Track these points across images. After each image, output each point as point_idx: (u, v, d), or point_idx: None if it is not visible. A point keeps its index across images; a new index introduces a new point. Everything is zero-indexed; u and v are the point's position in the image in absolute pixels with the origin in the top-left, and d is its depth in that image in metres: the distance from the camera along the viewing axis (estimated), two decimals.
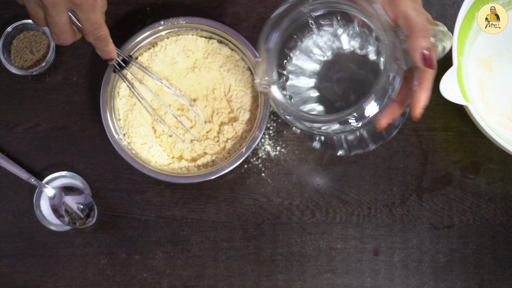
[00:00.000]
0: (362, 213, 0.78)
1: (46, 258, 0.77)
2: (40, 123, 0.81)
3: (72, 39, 0.64)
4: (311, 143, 0.74)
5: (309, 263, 0.77)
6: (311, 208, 0.78)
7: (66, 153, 0.80)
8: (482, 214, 0.78)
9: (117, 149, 0.74)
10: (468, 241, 0.77)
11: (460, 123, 0.79)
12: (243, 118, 0.77)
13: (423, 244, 0.77)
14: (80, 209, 0.77)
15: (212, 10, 0.83)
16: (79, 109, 0.81)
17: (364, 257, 0.77)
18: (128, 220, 0.78)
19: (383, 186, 0.78)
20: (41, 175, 0.79)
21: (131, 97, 0.78)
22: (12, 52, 0.81)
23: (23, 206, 0.79)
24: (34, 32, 0.81)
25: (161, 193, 0.79)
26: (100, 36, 0.64)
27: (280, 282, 0.77)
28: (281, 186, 0.79)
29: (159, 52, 0.79)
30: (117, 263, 0.77)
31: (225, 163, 0.73)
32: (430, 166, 0.79)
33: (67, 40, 0.63)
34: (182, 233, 0.78)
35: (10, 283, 0.77)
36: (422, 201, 0.78)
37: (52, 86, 0.82)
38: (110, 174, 0.79)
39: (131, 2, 0.83)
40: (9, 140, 0.80)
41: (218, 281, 0.77)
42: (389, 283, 0.77)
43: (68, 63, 0.82)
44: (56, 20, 0.61)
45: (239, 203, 0.78)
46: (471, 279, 0.76)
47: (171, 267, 0.77)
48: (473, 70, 0.78)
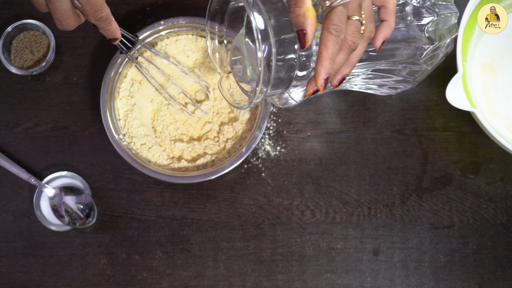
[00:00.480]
0: (362, 213, 0.78)
1: (46, 258, 0.77)
2: (40, 123, 0.81)
3: (76, 24, 0.63)
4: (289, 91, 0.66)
5: (309, 263, 0.77)
6: (311, 208, 0.78)
7: (66, 153, 0.80)
8: (482, 214, 0.78)
9: (117, 149, 0.74)
10: (468, 241, 0.77)
11: (460, 123, 0.79)
12: (243, 118, 0.77)
13: (423, 244, 0.77)
14: (80, 209, 0.77)
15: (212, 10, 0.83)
16: (79, 109, 0.81)
17: (364, 257, 0.77)
18: (128, 220, 0.78)
19: (383, 186, 0.78)
20: (41, 175, 0.79)
21: (131, 97, 0.78)
22: (12, 52, 0.81)
23: (23, 206, 0.79)
24: (34, 32, 0.81)
25: (161, 193, 0.79)
26: (102, 17, 0.62)
27: (280, 282, 0.77)
28: (281, 186, 0.79)
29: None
30: (117, 263, 0.77)
31: (225, 163, 0.73)
32: (430, 166, 0.79)
33: (71, 25, 0.62)
34: (182, 233, 0.78)
35: (10, 283, 0.77)
36: (422, 201, 0.78)
37: (52, 86, 0.82)
38: (110, 174, 0.79)
39: (131, 2, 0.83)
40: (9, 140, 0.80)
41: (218, 281, 0.77)
42: (389, 283, 0.77)
43: (68, 63, 0.82)
44: (58, 6, 0.59)
45: (239, 203, 0.78)
46: (471, 279, 0.76)
47: (171, 267, 0.77)
48: (476, 74, 0.78)
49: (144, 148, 0.77)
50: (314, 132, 0.80)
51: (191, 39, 0.79)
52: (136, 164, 0.74)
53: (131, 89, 0.78)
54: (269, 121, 0.80)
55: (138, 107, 0.78)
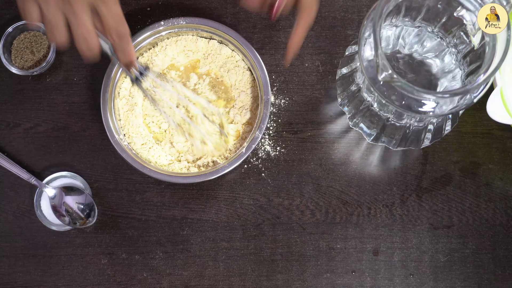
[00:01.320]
0: (362, 213, 0.78)
1: (47, 258, 0.78)
2: (40, 123, 0.81)
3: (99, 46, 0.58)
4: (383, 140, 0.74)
5: (309, 263, 0.77)
6: (311, 208, 0.78)
7: (67, 153, 0.80)
8: (482, 214, 0.78)
9: (118, 149, 0.74)
10: (468, 241, 0.77)
11: (460, 123, 0.80)
12: (243, 118, 0.77)
13: (423, 244, 0.77)
14: (80, 209, 0.77)
15: (212, 10, 0.83)
16: (79, 109, 0.81)
17: (364, 257, 0.77)
18: (128, 220, 0.78)
19: (383, 186, 0.79)
20: (42, 175, 0.79)
21: (132, 97, 0.78)
22: (12, 53, 0.81)
23: (24, 206, 0.79)
24: (35, 33, 0.81)
25: (161, 193, 0.79)
26: (122, 32, 0.57)
27: (280, 282, 0.77)
28: (281, 186, 0.79)
29: (159, 52, 0.79)
30: (118, 263, 0.77)
31: (225, 163, 0.74)
32: (430, 166, 0.79)
33: (96, 44, 0.56)
34: (182, 233, 0.78)
35: (10, 283, 0.77)
36: (421, 201, 0.78)
37: (52, 86, 0.82)
38: (110, 174, 0.79)
39: (131, 2, 0.84)
40: (10, 140, 0.80)
41: (218, 281, 0.77)
42: (389, 283, 0.77)
43: (69, 63, 0.82)
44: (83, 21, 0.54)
45: (239, 203, 0.78)
46: (471, 279, 0.76)
47: (171, 267, 0.77)
48: (510, 83, 0.78)
49: (145, 148, 0.77)
50: (314, 132, 0.80)
51: (191, 39, 0.79)
52: (136, 164, 0.74)
53: (131, 89, 0.78)
54: (269, 121, 0.80)
55: (138, 107, 0.78)
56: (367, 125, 0.74)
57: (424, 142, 0.72)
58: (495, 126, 0.80)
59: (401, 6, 0.65)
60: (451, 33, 0.67)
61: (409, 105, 0.61)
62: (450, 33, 0.67)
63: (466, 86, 0.58)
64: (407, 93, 0.59)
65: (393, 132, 0.72)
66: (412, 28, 0.69)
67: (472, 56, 0.66)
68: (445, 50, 0.69)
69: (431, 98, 0.59)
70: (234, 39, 0.77)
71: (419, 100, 0.60)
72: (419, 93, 0.58)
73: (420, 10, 0.66)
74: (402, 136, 0.72)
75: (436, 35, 0.69)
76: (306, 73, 0.81)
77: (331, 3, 0.83)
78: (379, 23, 0.59)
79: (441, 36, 0.68)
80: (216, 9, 0.83)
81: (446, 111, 0.61)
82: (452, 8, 0.64)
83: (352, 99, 0.73)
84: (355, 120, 0.75)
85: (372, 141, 0.75)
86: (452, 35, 0.67)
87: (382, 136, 0.73)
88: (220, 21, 0.78)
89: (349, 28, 0.82)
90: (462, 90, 0.58)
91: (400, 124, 0.70)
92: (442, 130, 0.71)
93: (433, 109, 0.61)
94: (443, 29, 0.68)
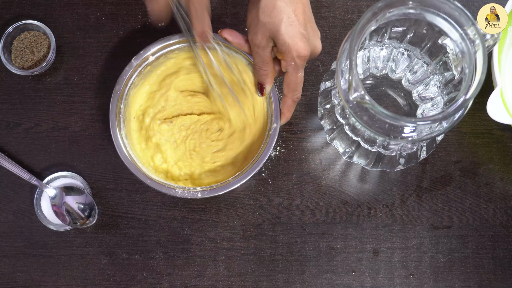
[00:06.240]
0: (362, 213, 0.78)
1: (47, 258, 0.78)
2: (40, 123, 0.81)
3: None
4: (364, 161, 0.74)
5: (309, 263, 0.77)
6: (311, 208, 0.78)
7: (67, 153, 0.80)
8: (482, 214, 0.78)
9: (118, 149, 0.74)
10: (468, 241, 0.77)
11: (460, 123, 0.79)
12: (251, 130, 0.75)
13: (423, 244, 0.77)
14: (81, 209, 0.77)
15: (212, 10, 0.82)
16: (79, 109, 0.81)
17: (364, 257, 0.77)
18: (129, 220, 0.78)
19: (383, 186, 0.79)
20: (42, 175, 0.79)
21: None
22: (12, 52, 0.81)
23: (24, 206, 0.79)
24: (35, 33, 0.81)
25: (161, 193, 0.79)
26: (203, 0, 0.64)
27: (280, 282, 0.77)
28: (281, 186, 0.79)
29: None
30: (118, 263, 0.77)
31: (234, 179, 0.70)
32: (430, 166, 0.79)
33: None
34: (182, 233, 0.78)
35: (10, 283, 0.77)
36: (422, 201, 0.78)
37: (52, 86, 0.82)
38: (110, 174, 0.79)
39: (131, 2, 0.84)
40: (10, 140, 0.80)
41: (218, 281, 0.77)
42: (389, 283, 0.77)
43: (69, 63, 0.82)
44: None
45: (239, 203, 0.78)
46: (471, 279, 0.76)
47: (171, 267, 0.77)
48: (510, 83, 0.78)
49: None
50: (314, 132, 0.80)
51: None
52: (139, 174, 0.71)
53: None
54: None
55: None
56: (343, 143, 0.74)
57: (398, 166, 0.72)
58: (495, 126, 0.80)
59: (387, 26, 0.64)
60: (435, 59, 0.67)
61: (381, 128, 0.60)
62: (434, 59, 0.67)
63: (434, 115, 0.57)
64: (377, 115, 0.58)
65: (367, 154, 0.72)
66: (401, 52, 0.68)
67: (452, 85, 0.65)
68: (430, 77, 0.68)
69: (403, 123, 0.58)
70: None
71: (390, 123, 0.59)
72: (387, 116, 0.56)
73: (405, 33, 0.65)
74: (376, 158, 0.71)
75: (423, 60, 0.68)
76: (306, 73, 0.81)
77: (331, 3, 0.83)
78: (356, 41, 0.57)
79: (427, 62, 0.68)
80: (216, 10, 0.83)
81: (422, 136, 0.60)
82: (437, 34, 0.63)
83: (329, 116, 0.73)
84: (331, 136, 0.75)
85: (347, 158, 0.75)
86: (436, 61, 0.67)
87: (355, 156, 0.73)
88: (220, 21, 0.78)
89: (349, 28, 0.82)
90: (432, 118, 0.56)
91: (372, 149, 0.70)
92: (418, 155, 0.70)
93: (410, 134, 0.59)
94: (428, 55, 0.67)
